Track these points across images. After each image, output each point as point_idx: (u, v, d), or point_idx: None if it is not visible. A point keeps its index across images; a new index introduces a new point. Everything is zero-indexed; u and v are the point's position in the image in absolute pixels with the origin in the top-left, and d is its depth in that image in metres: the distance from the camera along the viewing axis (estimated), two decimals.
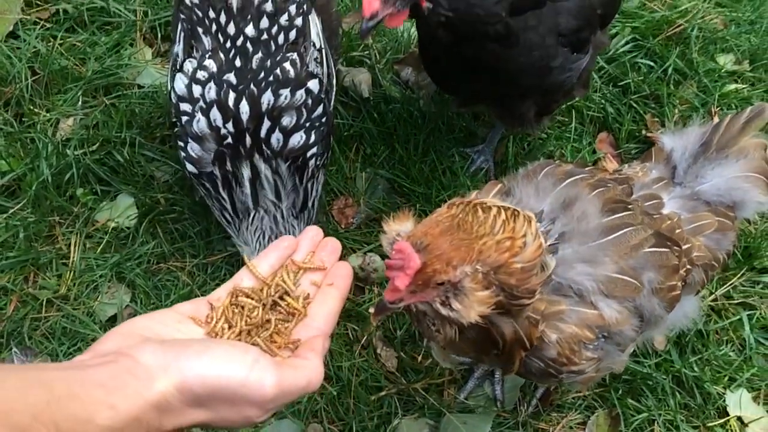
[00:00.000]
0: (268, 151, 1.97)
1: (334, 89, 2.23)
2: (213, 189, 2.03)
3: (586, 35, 2.07)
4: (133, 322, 1.13)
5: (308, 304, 1.25)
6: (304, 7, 2.07)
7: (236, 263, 2.36)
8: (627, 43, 2.84)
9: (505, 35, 1.86)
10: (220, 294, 1.25)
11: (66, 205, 2.41)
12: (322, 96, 2.06)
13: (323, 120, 2.05)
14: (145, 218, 2.40)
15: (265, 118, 1.94)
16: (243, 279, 1.28)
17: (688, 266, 1.68)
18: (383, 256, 2.32)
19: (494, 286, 1.25)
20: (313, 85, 2.01)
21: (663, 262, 1.56)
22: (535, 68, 1.98)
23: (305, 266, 1.29)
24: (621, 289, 1.50)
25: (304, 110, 1.99)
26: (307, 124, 2.00)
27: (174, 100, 2.01)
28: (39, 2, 2.82)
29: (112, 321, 2.26)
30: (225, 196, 2.03)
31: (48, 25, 2.77)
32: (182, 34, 2.09)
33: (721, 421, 2.23)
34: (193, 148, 1.98)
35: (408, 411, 2.18)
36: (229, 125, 1.94)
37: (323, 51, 2.12)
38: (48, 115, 2.58)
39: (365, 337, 2.26)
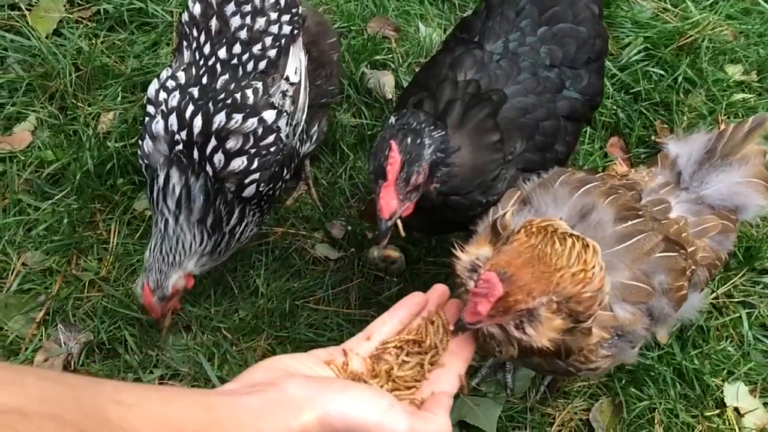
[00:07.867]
0: (210, 169, 2.04)
1: (302, 125, 2.25)
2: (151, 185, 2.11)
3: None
4: (277, 359, 1.23)
5: (436, 362, 1.37)
6: (282, 41, 2.14)
7: (265, 250, 2.51)
8: (639, 52, 2.94)
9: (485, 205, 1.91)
10: (353, 344, 1.36)
11: (107, 194, 2.56)
12: (276, 127, 2.09)
13: (271, 150, 2.09)
14: None
15: (213, 137, 2.02)
16: (374, 332, 1.38)
17: (693, 267, 1.75)
18: (402, 249, 2.48)
19: (564, 312, 1.33)
20: (268, 115, 2.06)
21: (672, 266, 1.64)
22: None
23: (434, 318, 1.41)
24: (635, 294, 1.58)
25: (251, 137, 2.04)
26: (252, 151, 2.05)
27: (145, 101, 2.15)
28: (81, 2, 2.98)
29: None
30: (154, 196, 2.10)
31: (90, 24, 2.93)
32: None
33: (718, 411, 2.34)
34: (147, 145, 2.10)
35: None
36: (183, 133, 2.04)
37: (301, 86, 2.19)
38: (90, 109, 2.73)
39: None
